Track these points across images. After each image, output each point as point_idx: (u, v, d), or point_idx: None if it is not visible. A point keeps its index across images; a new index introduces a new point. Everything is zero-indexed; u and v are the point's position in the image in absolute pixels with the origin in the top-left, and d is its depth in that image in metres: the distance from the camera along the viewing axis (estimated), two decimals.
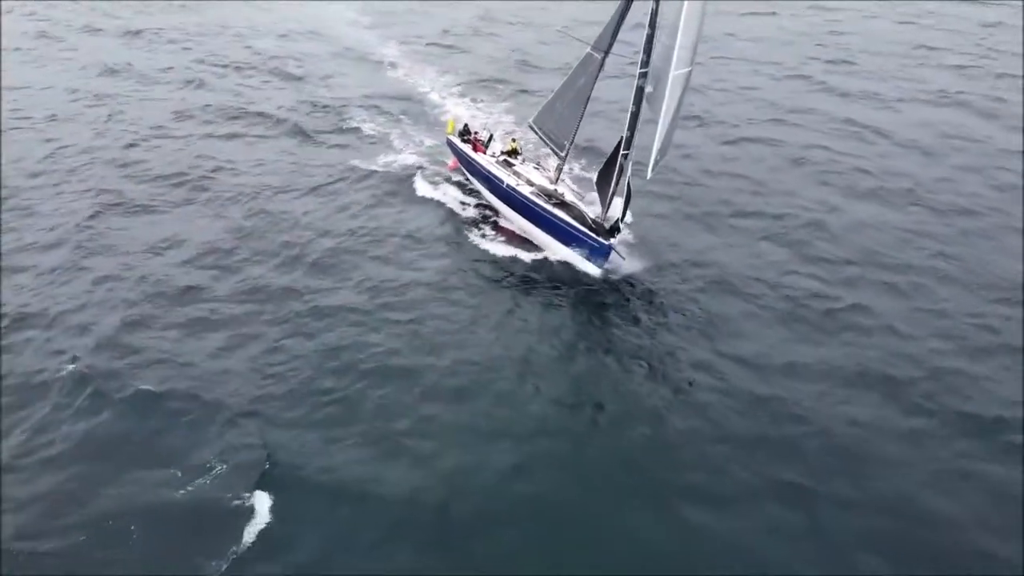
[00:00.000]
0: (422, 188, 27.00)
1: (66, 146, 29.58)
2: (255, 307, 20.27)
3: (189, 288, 20.98)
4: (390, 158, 29.20)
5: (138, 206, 25.35)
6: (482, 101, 35.27)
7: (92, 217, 24.39)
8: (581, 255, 22.38)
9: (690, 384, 18.20)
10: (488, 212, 25.81)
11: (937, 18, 51.81)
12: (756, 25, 49.38)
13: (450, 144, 27.65)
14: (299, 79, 38.24)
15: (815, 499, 15.12)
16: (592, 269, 22.23)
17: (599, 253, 21.86)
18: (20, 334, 19.12)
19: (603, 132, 29.07)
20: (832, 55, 43.65)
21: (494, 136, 27.76)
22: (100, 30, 45.24)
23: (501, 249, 23.77)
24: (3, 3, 48.12)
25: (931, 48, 45.39)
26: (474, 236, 24.44)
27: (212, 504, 14.57)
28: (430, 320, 20.07)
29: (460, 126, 27.85)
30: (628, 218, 22.66)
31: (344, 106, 34.37)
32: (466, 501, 14.81)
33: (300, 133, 31.62)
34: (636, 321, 20.63)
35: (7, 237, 23.25)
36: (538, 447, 16.21)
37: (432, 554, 13.82)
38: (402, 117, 33.32)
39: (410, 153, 29.71)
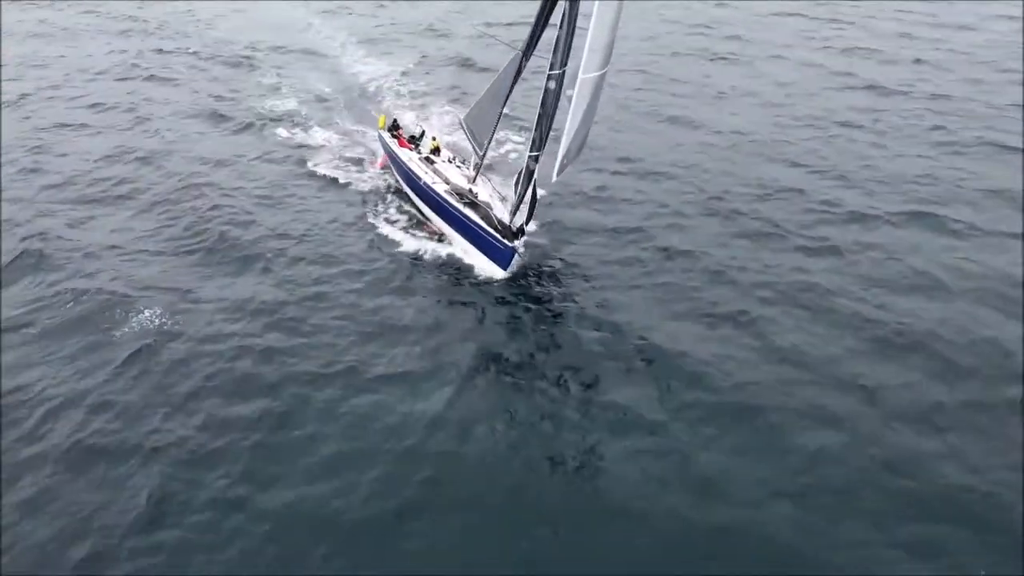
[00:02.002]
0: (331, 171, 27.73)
1: None
2: None
3: None
4: (311, 142, 29.99)
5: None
6: (421, 96, 35.23)
7: None
8: (487, 255, 22.10)
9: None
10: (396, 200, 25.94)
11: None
12: None
13: (380, 139, 27.46)
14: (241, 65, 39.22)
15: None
16: (496, 270, 21.93)
17: (502, 255, 21.55)
18: None
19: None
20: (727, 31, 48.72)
21: (426, 132, 27.55)
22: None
23: (409, 241, 23.71)
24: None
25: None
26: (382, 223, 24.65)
27: None
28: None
29: (390, 121, 27.66)
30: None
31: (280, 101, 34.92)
32: None
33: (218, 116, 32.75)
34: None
35: None
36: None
37: None
38: (334, 104, 34.12)
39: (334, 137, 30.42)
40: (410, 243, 23.46)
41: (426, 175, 24.22)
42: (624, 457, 15.35)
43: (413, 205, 25.28)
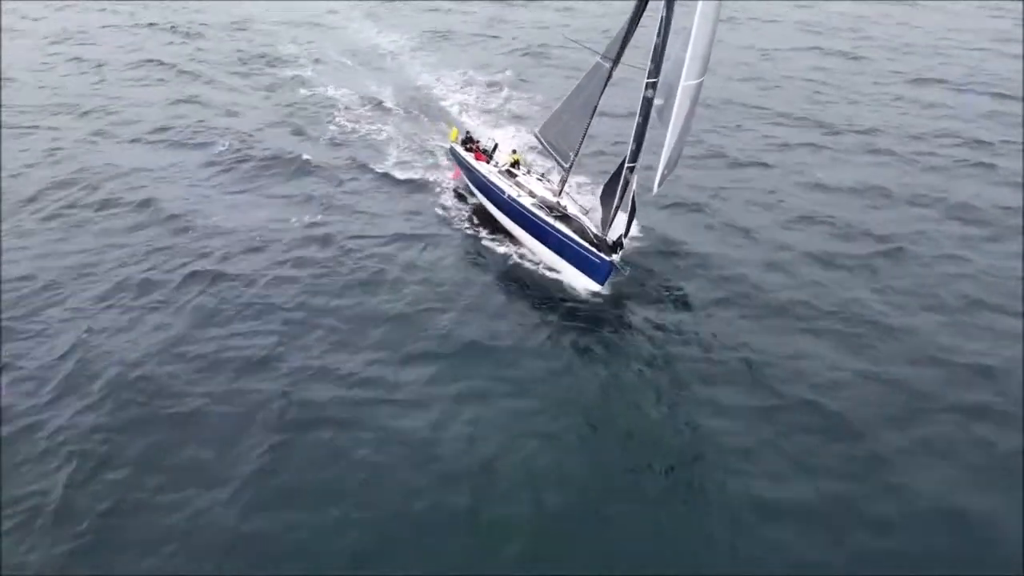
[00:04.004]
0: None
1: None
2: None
3: None
4: (386, 155, 29.30)
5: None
6: (488, 110, 34.59)
7: None
8: (582, 271, 21.39)
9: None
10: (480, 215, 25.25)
11: None
12: None
13: (453, 153, 26.87)
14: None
15: None
16: (593, 285, 21.21)
17: (600, 269, 20.83)
18: None
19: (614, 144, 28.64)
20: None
21: (499, 146, 26.94)
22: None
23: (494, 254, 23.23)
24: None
25: None
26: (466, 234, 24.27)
27: None
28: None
29: (463, 134, 27.09)
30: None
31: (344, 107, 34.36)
32: None
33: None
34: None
35: None
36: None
37: None
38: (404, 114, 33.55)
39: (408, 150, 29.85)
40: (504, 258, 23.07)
41: (510, 189, 23.58)
42: None
43: (495, 220, 24.65)
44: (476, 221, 25.00)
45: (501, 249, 23.47)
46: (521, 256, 23.07)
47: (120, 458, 14.83)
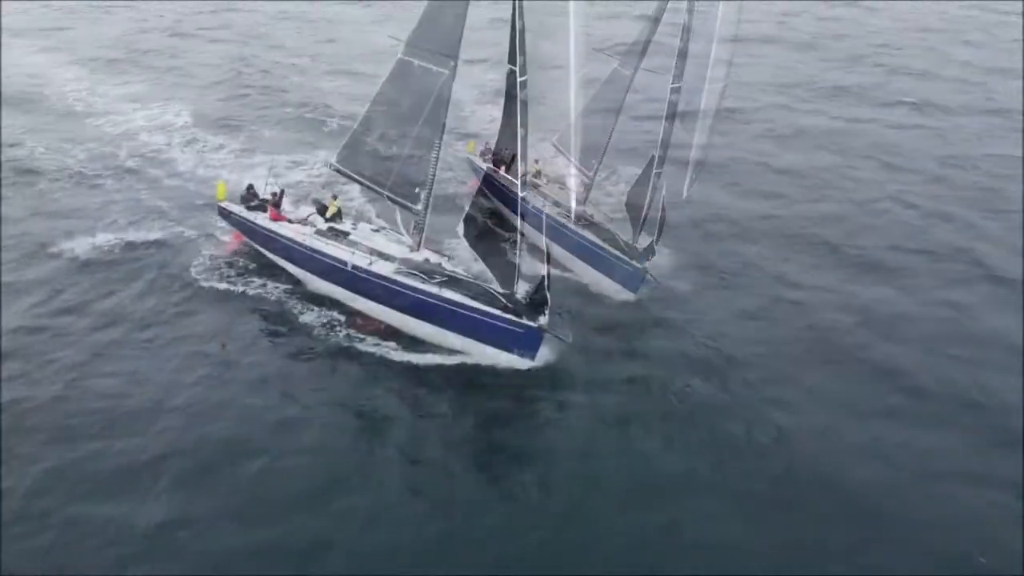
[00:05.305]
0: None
1: None
2: None
3: None
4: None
5: None
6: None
7: None
8: (612, 279, 21.26)
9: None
10: None
11: None
12: None
13: (471, 164, 26.52)
14: None
15: None
16: (626, 294, 21.09)
17: (632, 277, 20.72)
18: None
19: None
20: None
21: (515, 157, 26.54)
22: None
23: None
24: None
25: None
26: None
27: None
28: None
29: (480, 146, 26.39)
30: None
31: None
32: None
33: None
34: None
35: None
36: None
37: None
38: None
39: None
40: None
41: (533, 199, 23.40)
42: None
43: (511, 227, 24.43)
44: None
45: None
46: None
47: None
